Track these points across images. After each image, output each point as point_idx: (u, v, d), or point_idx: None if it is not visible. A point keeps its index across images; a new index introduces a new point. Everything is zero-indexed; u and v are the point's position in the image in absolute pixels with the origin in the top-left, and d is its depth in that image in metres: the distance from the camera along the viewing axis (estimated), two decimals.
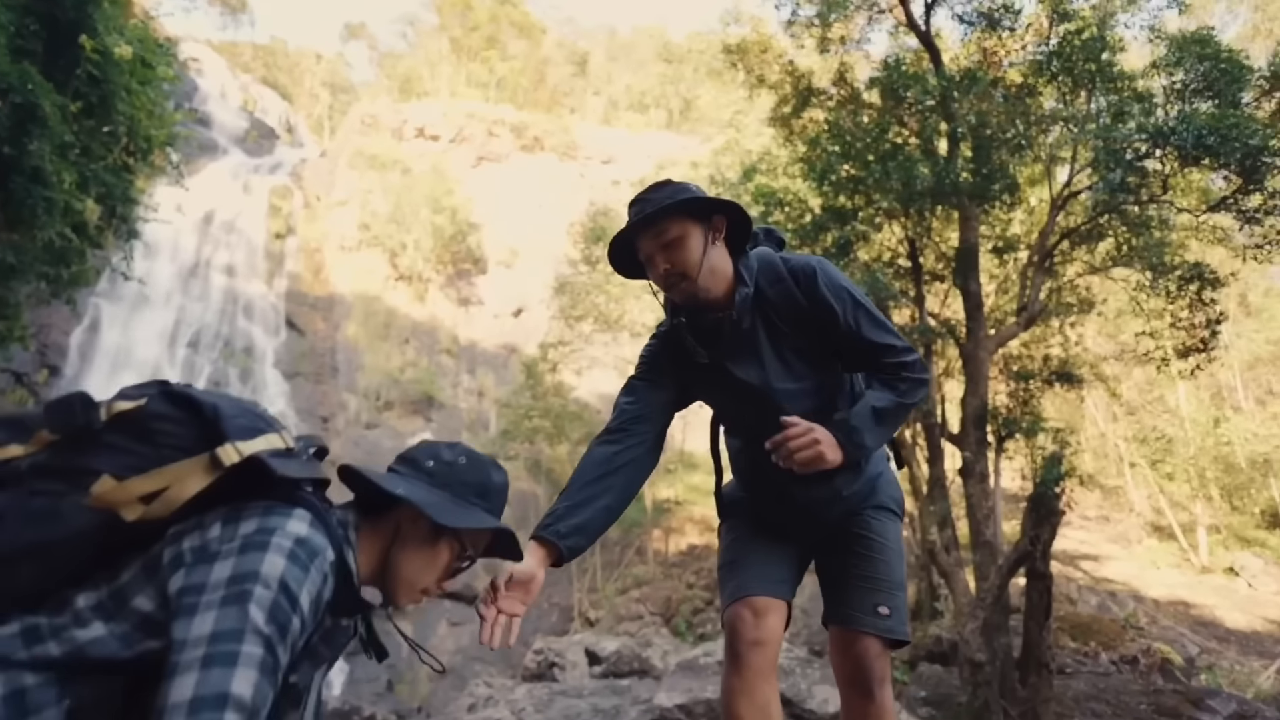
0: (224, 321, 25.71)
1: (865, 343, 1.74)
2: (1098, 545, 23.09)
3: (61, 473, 1.06)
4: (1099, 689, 9.54)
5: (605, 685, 10.10)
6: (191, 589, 0.99)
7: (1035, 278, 8.79)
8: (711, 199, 1.71)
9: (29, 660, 0.97)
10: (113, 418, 1.10)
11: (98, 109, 10.61)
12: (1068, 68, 8.44)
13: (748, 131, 18.66)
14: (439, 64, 47.29)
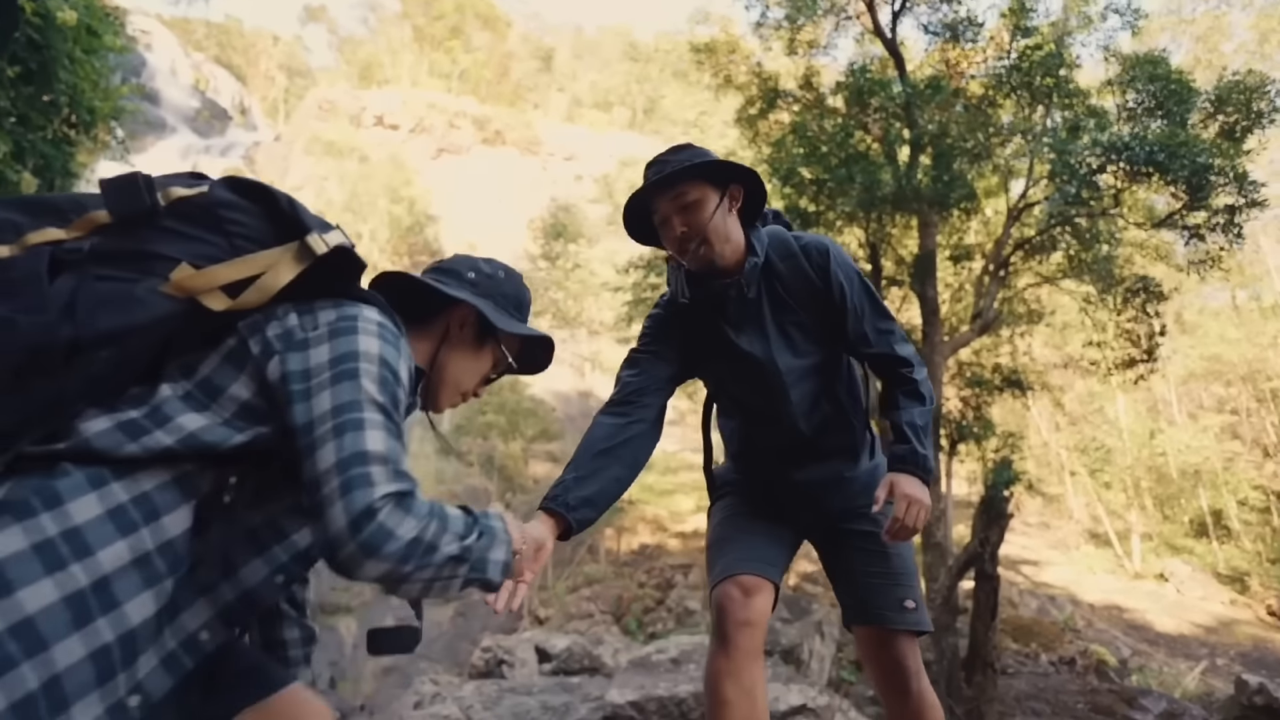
0: None
1: (870, 327, 1.75)
2: (1038, 551, 23.79)
3: (129, 257, 0.99)
4: (1039, 689, 9.80)
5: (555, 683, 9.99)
6: (295, 375, 0.99)
7: (990, 286, 8.98)
8: (732, 164, 1.68)
9: (142, 453, 0.94)
10: (173, 203, 1.03)
11: (37, 76, 10.11)
12: (1026, 82, 8.65)
13: (711, 132, 18.76)
14: (401, 52, 46.52)
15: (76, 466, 0.91)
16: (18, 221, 0.99)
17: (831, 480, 1.84)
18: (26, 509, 0.85)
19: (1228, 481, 22.53)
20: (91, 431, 0.93)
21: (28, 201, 1.02)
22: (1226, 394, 26.34)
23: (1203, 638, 17.12)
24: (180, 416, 0.97)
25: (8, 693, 0.77)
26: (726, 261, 1.69)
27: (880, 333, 1.76)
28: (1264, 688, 8.01)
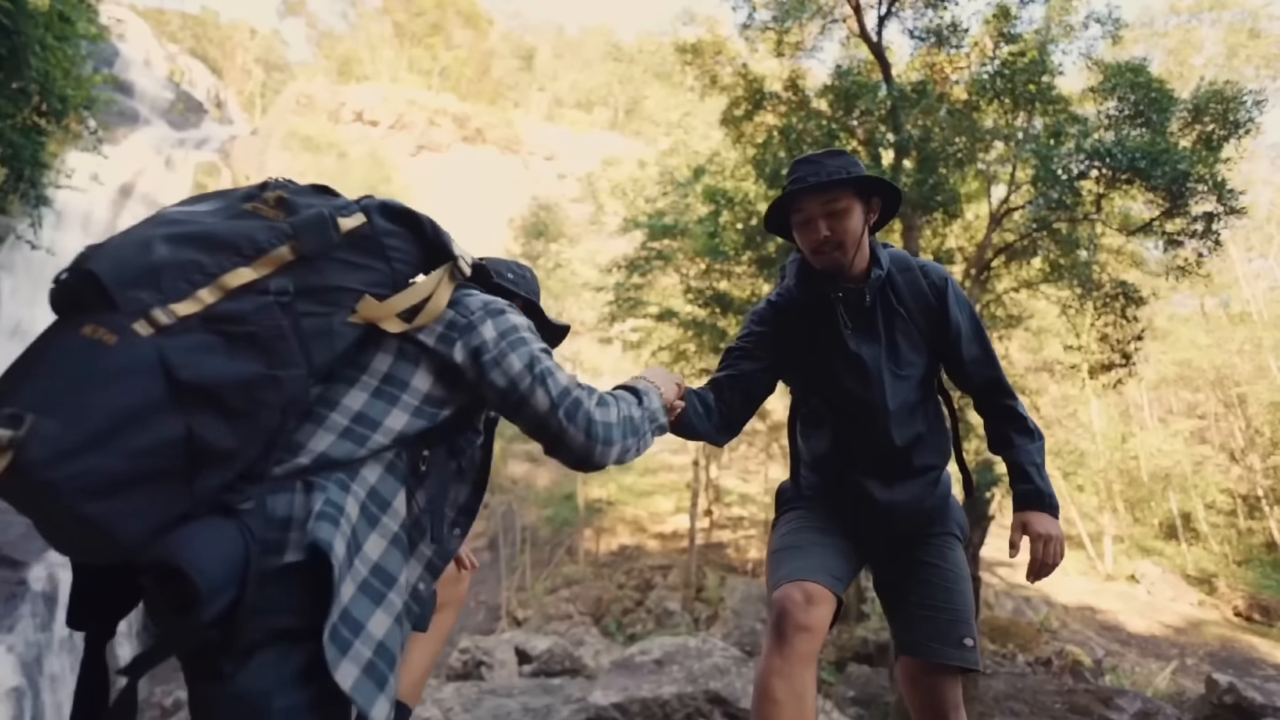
0: None
1: (983, 353, 1.87)
2: None
3: (320, 292, 1.10)
4: (1017, 689, 9.89)
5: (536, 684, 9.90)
6: (481, 349, 1.22)
7: (971, 290, 9.06)
8: (882, 180, 1.78)
9: (367, 455, 1.13)
10: (345, 235, 1.14)
11: (7, 62, 9.84)
12: (1009, 88, 8.73)
13: (695, 134, 18.78)
14: (380, 48, 46.11)
15: (321, 478, 1.08)
16: (201, 261, 1.02)
17: (913, 502, 1.86)
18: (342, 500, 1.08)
19: (1196, 485, 22.98)
20: (324, 445, 1.11)
21: (197, 237, 1.04)
22: (1196, 399, 26.88)
23: (1173, 638, 17.43)
24: (385, 418, 1.16)
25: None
26: (854, 268, 1.79)
27: (992, 361, 1.88)
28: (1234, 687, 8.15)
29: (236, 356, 0.99)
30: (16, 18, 9.71)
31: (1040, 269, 9.63)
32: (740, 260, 9.79)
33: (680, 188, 12.37)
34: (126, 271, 0.96)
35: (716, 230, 9.77)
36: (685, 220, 11.42)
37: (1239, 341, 24.42)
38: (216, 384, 0.97)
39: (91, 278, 0.95)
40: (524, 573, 23.11)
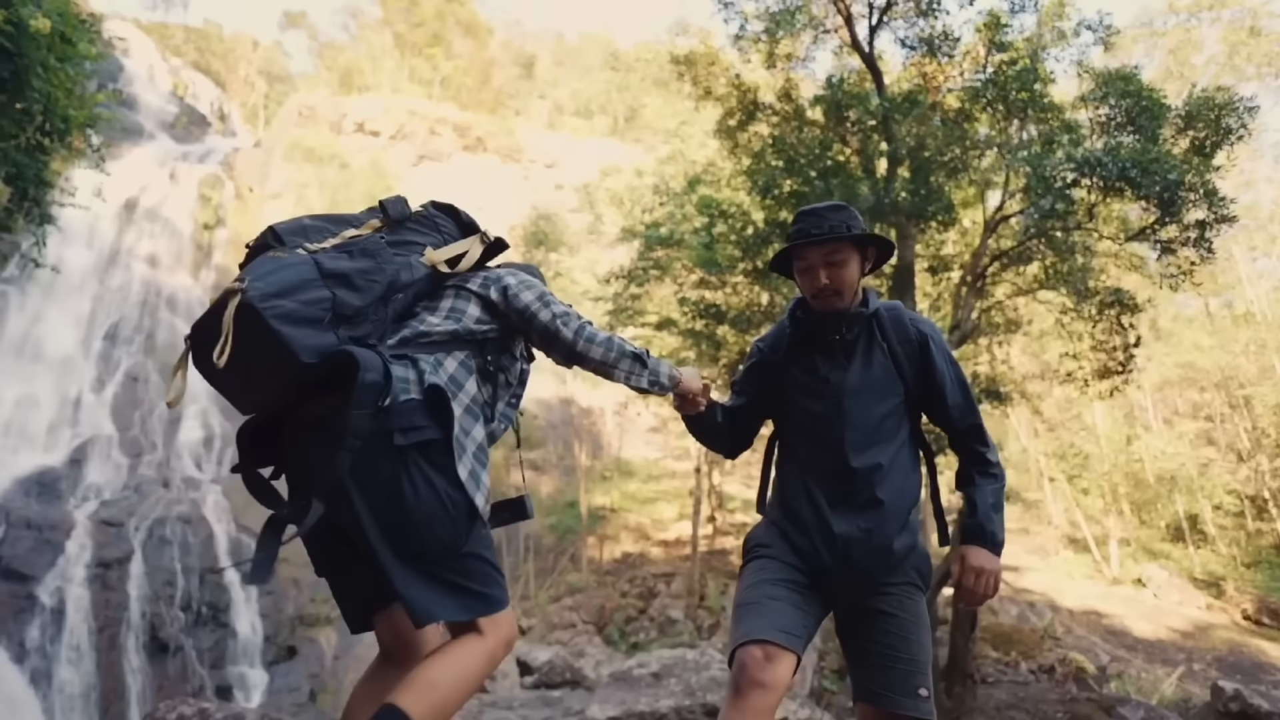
0: (145, 314, 24.45)
1: (964, 400, 2.00)
2: (1018, 557, 23.99)
3: (402, 244, 1.78)
4: (1019, 697, 9.87)
5: (537, 696, 9.92)
6: (506, 288, 1.81)
7: (967, 297, 9.06)
8: (877, 236, 2.02)
9: (447, 336, 1.73)
10: (411, 214, 1.85)
11: (10, 84, 9.94)
12: (1002, 96, 8.75)
13: (693, 142, 18.82)
14: (381, 58, 46.32)
15: (419, 354, 1.67)
16: (330, 228, 1.73)
17: (868, 539, 1.89)
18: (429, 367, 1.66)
19: (1203, 487, 22.84)
20: (419, 328, 1.72)
21: (327, 217, 1.77)
22: (1201, 400, 26.74)
23: (1180, 643, 17.32)
24: (455, 324, 1.75)
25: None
26: (843, 309, 2.00)
27: (973, 409, 2.01)
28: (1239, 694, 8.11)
29: (356, 259, 1.64)
30: (18, 40, 9.82)
31: (1036, 275, 9.63)
32: (735, 272, 9.82)
33: (676, 198, 12.41)
34: (290, 232, 1.68)
35: (711, 241, 9.80)
36: (682, 231, 11.45)
37: (1243, 343, 24.29)
38: (345, 270, 1.60)
39: (272, 233, 1.67)
40: (528, 581, 23.13)
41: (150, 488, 19.46)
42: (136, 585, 16.35)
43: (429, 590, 1.52)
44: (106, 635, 15.35)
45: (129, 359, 22.60)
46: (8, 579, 14.83)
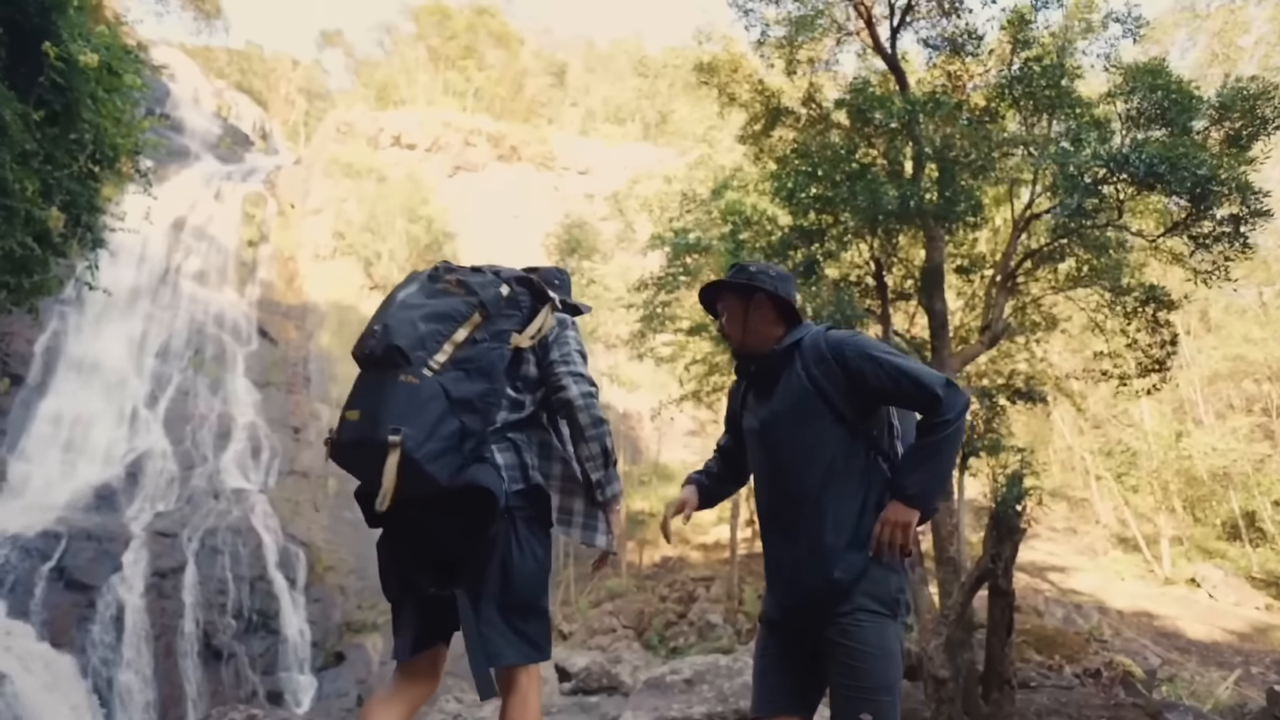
0: (193, 330, 25.29)
1: (899, 388, 2.01)
2: (1065, 557, 23.45)
3: (496, 335, 1.97)
4: (1061, 703, 9.66)
5: (574, 702, 10.06)
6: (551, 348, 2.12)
7: (998, 297, 8.95)
8: (746, 285, 2.24)
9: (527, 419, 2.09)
10: (504, 299, 2.02)
11: (62, 117, 10.42)
12: (1029, 93, 8.63)
13: (721, 147, 18.82)
14: (416, 72, 47.15)
15: (514, 435, 2.04)
16: (441, 330, 1.91)
17: (809, 565, 2.00)
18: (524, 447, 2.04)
19: (1259, 483, 22.03)
20: (509, 419, 2.03)
21: (433, 315, 1.93)
22: (1257, 392, 25.80)
23: (1237, 645, 16.75)
24: (531, 396, 2.10)
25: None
26: (752, 349, 2.22)
27: (922, 387, 1.99)
28: None
29: (475, 381, 1.88)
30: (69, 75, 10.31)
31: (1069, 273, 9.46)
32: None
33: (703, 204, 12.46)
34: (411, 343, 1.85)
35: (738, 247, 9.83)
36: (710, 237, 11.50)
37: None
38: (468, 397, 1.86)
39: (396, 349, 1.84)
40: (568, 587, 23.31)
41: (201, 499, 20.12)
42: (190, 594, 16.92)
43: (504, 637, 1.92)
44: (163, 642, 15.91)
45: (179, 374, 23.39)
46: (70, 589, 15.46)
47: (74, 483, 18.76)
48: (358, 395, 1.88)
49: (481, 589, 1.91)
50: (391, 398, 1.79)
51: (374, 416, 1.78)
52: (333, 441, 1.87)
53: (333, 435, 1.88)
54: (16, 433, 19.15)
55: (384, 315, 1.93)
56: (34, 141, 9.91)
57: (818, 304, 8.62)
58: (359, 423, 1.82)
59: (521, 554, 1.96)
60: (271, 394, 25.78)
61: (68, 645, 14.44)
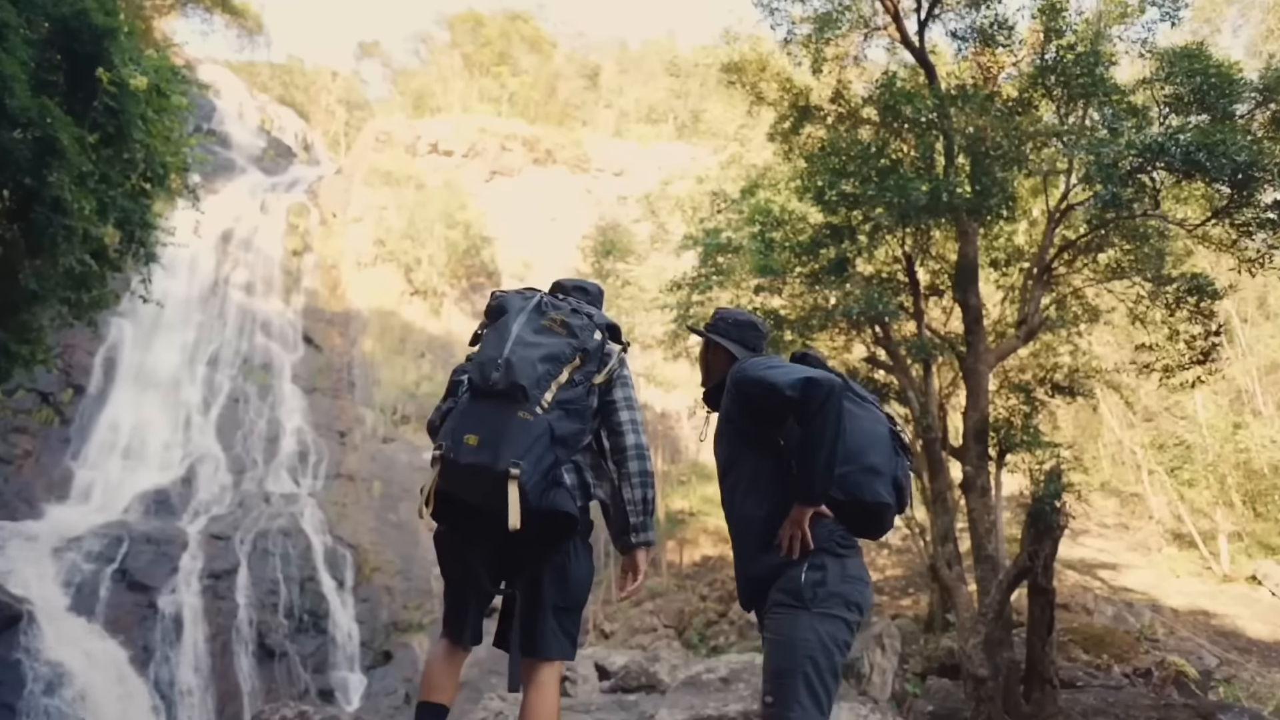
0: (243, 338, 26.10)
1: (768, 402, 2.24)
2: (1117, 554, 22.82)
3: (586, 377, 2.21)
4: (1108, 703, 9.46)
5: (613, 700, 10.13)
6: (620, 385, 2.37)
7: (1035, 290, 8.80)
8: (701, 331, 2.65)
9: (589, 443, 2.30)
10: (598, 346, 2.27)
11: (115, 138, 10.89)
12: (1063, 81, 8.47)
13: (752, 145, 18.77)
14: (451, 80, 47.85)
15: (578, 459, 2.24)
16: (551, 370, 2.14)
17: (747, 569, 2.33)
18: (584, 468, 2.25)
19: None
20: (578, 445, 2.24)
21: (546, 356, 2.15)
22: None
23: None
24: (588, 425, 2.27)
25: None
26: (710, 386, 2.61)
27: (773, 401, 2.25)
28: None
29: (572, 421, 2.14)
30: (121, 98, 10.75)
31: (1109, 264, 9.25)
32: (793, 276, 9.83)
33: (734, 204, 12.48)
34: (530, 382, 2.07)
35: (769, 247, 9.83)
36: (740, 237, 11.52)
37: None
38: (566, 435, 2.12)
39: (520, 387, 2.06)
40: (609, 586, 23.46)
41: (253, 502, 20.77)
42: (244, 594, 17.50)
43: (553, 634, 2.21)
44: (219, 641, 16.49)
45: (229, 382, 24.16)
46: (132, 589, 16.12)
47: (133, 488, 19.53)
48: (475, 421, 2.07)
49: (540, 591, 2.20)
50: (511, 432, 2.02)
51: (494, 447, 2.01)
52: (445, 458, 2.06)
53: (445, 452, 2.06)
54: (80, 441, 20.01)
55: (503, 347, 2.13)
56: (90, 163, 10.37)
57: (849, 302, 8.59)
58: (478, 449, 2.02)
59: (577, 562, 2.26)
60: (317, 399, 26.46)
61: (131, 643, 15.05)
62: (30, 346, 10.95)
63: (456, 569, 2.29)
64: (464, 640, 2.29)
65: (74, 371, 20.73)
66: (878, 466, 2.25)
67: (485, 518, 2.06)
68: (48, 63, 9.85)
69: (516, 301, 2.30)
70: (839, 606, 2.14)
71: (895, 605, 18.94)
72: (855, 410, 2.32)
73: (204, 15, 36.90)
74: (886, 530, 2.35)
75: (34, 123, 8.77)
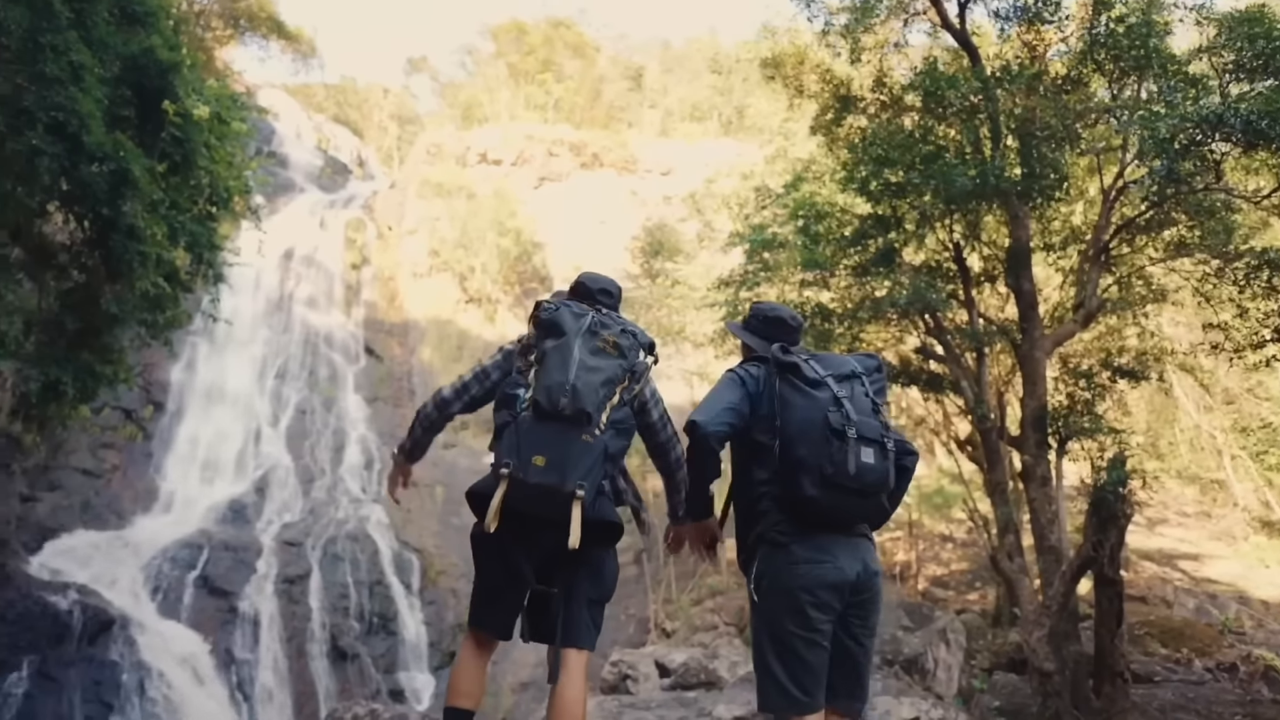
0: (307, 351, 27.06)
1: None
2: (1199, 544, 21.82)
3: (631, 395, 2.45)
4: (1188, 698, 9.10)
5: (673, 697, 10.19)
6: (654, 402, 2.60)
7: (1091, 273, 8.52)
8: (730, 326, 2.87)
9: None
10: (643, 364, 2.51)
11: (182, 166, 11.48)
12: (1114, 55, 8.19)
13: (796, 139, 18.60)
14: (498, 90, 48.61)
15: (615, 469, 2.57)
16: (609, 393, 2.37)
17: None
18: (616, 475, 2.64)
19: None
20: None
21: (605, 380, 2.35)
22: None
23: None
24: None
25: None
26: None
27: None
28: None
29: (621, 439, 2.42)
30: (185, 128, 11.31)
31: (1172, 241, 8.89)
32: (838, 269, 9.72)
33: (778, 199, 12.40)
34: (593, 407, 2.27)
35: (814, 240, 9.75)
36: (785, 232, 11.45)
37: None
38: (615, 453, 2.38)
39: (586, 413, 2.25)
40: (670, 585, 23.50)
41: (322, 510, 21.53)
42: (316, 598, 18.16)
43: (586, 626, 2.43)
44: (295, 644, 17.15)
45: (296, 394, 25.08)
46: (213, 594, 16.90)
47: (211, 498, 20.47)
48: (543, 443, 2.23)
49: (578, 587, 2.42)
50: (575, 454, 2.22)
51: (561, 469, 2.20)
52: (513, 476, 2.21)
53: (513, 471, 2.21)
54: (161, 454, 21.07)
55: (568, 372, 2.29)
56: (160, 191, 10.95)
57: (897, 292, 8.47)
58: (546, 470, 2.20)
59: (608, 560, 2.52)
60: (380, 408, 27.24)
61: (214, 645, 15.79)
62: (113, 366, 11.61)
63: (499, 569, 2.41)
64: (498, 635, 2.48)
65: (153, 389, 21.82)
66: (803, 459, 2.21)
67: (541, 525, 2.25)
68: (119, 99, 10.44)
69: (570, 321, 2.40)
70: (783, 594, 2.22)
71: (962, 600, 18.50)
72: (793, 399, 2.29)
73: (261, 42, 38.45)
74: (844, 521, 2.28)
75: (109, 156, 9.30)
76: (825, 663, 2.22)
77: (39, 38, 8.02)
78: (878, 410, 2.33)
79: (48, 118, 8.25)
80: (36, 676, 12.25)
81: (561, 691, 2.32)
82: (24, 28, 7.85)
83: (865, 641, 2.33)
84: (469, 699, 2.37)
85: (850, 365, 2.43)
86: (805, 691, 2.17)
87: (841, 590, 2.21)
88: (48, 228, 11.16)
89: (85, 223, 10.33)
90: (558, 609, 2.40)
